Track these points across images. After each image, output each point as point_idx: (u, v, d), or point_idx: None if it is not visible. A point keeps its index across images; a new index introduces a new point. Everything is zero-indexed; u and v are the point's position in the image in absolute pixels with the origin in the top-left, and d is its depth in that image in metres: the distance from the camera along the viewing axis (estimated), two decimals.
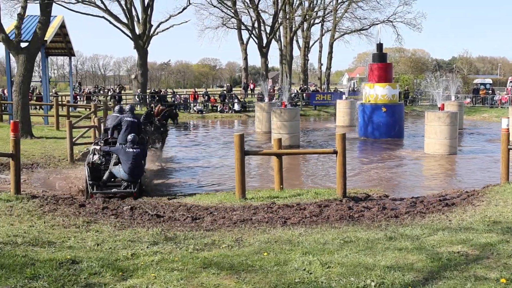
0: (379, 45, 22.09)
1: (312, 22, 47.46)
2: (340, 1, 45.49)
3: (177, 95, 38.45)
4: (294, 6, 44.83)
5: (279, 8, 42.65)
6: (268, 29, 43.38)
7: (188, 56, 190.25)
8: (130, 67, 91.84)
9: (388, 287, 4.35)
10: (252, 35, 43.91)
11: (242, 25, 44.20)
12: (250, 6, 43.13)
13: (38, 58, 23.82)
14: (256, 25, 43.54)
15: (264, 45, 43.46)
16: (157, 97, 35.44)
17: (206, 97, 37.15)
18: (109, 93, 40.73)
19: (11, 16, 41.77)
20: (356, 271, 4.71)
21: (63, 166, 13.43)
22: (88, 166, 10.39)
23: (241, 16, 44.16)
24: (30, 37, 19.64)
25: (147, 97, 36.20)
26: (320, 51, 49.92)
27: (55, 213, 7.55)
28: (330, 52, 48.45)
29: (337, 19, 46.36)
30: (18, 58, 18.08)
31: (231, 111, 35.13)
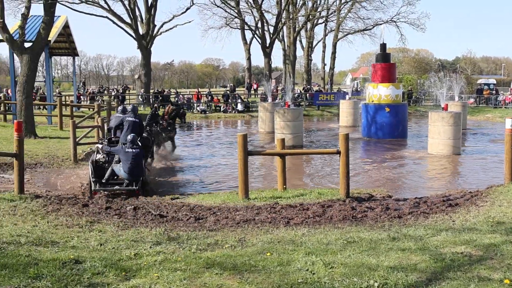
0: (383, 45, 22.07)
1: (316, 22, 47.44)
2: (344, 1, 45.46)
3: (181, 95, 38.47)
4: (298, 6, 44.82)
5: (283, 8, 42.60)
6: (272, 29, 43.33)
7: (192, 56, 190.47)
8: (134, 67, 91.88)
9: None
10: (256, 35, 43.87)
11: (246, 25, 44.15)
12: (254, 6, 43.10)
13: (42, 58, 23.91)
14: (260, 25, 43.50)
15: (268, 45, 43.41)
16: (161, 97, 35.46)
17: (210, 97, 37.14)
18: (113, 93, 40.77)
19: (15, 16, 42.04)
20: (359, 272, 4.70)
21: (67, 166, 13.48)
22: (92, 164, 10.54)
23: (245, 16, 44.15)
24: (34, 37, 19.66)
25: (151, 97, 36.24)
26: (324, 51, 49.98)
27: (59, 213, 7.56)
28: (334, 52, 48.43)
29: (341, 19, 46.33)
30: (22, 58, 18.13)
31: (234, 111, 35.12)
